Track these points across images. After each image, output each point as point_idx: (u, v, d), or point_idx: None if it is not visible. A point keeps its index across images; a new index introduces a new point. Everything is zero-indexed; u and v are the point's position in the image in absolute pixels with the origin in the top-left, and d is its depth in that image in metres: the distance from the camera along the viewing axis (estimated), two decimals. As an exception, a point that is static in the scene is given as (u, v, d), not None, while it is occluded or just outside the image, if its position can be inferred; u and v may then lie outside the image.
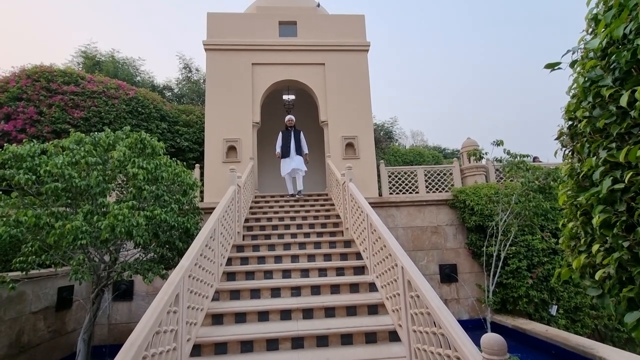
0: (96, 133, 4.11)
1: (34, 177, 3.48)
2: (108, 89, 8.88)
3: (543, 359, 5.11)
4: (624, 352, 4.71)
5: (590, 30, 1.13)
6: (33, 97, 8.02)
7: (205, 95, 8.60)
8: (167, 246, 4.23)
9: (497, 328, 6.77)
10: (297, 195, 7.50)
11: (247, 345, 2.77)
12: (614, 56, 0.98)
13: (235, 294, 3.55)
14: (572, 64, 1.19)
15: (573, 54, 1.18)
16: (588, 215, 1.09)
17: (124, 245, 4.53)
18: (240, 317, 3.14)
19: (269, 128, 10.26)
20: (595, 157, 1.03)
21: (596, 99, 1.02)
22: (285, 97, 10.12)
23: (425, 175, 8.38)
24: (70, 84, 8.54)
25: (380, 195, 8.26)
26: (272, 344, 2.79)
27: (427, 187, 8.31)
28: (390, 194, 8.15)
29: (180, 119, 10.01)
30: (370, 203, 7.42)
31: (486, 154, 5.43)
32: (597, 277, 1.06)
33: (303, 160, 7.59)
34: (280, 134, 7.76)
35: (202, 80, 14.60)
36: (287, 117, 7.91)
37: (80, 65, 12.25)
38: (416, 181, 8.30)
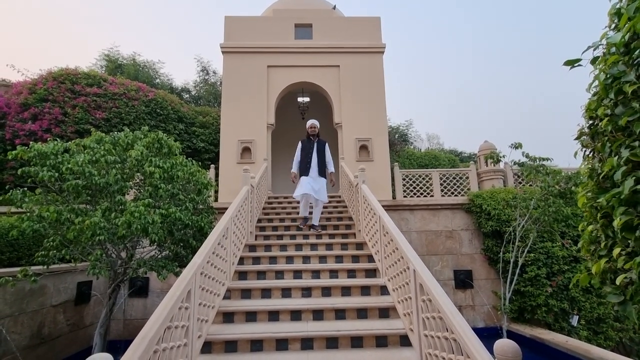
0: (116, 133, 4.24)
1: (56, 174, 3.62)
2: (129, 91, 9.14)
3: None
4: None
5: (613, 25, 1.08)
6: (58, 98, 8.35)
7: (221, 97, 8.75)
8: (181, 244, 4.31)
9: (514, 337, 6.55)
10: (313, 228, 5.57)
11: (256, 345, 2.78)
12: (637, 51, 0.93)
13: (246, 293, 3.57)
14: (593, 61, 1.14)
15: (594, 50, 1.13)
16: (609, 217, 1.03)
17: (140, 243, 4.64)
18: (251, 316, 3.15)
19: (283, 130, 10.33)
20: (617, 156, 0.97)
21: (618, 96, 0.97)
22: (300, 99, 10.18)
23: (441, 178, 8.25)
24: (93, 85, 8.85)
25: (394, 198, 8.17)
26: (282, 344, 2.79)
27: (442, 190, 8.17)
28: (404, 197, 8.05)
29: (197, 120, 10.21)
30: (383, 206, 7.36)
31: (503, 157, 5.29)
32: (618, 282, 1.00)
33: (326, 184, 5.72)
34: (300, 145, 5.85)
35: (218, 83, 14.86)
36: (310, 123, 5.89)
37: (103, 68, 12.69)
38: (431, 184, 8.18)
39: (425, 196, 8.11)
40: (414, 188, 8.18)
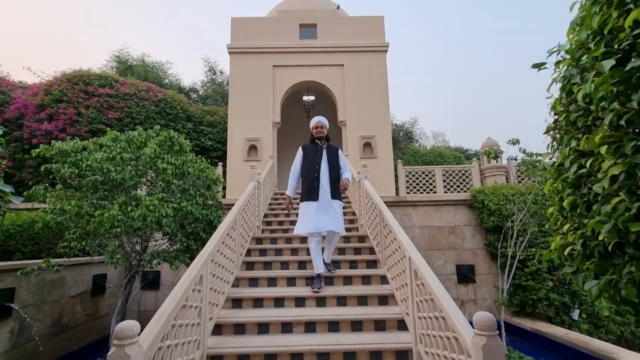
0: (130, 131, 4.48)
1: (76, 170, 3.87)
2: (139, 91, 9.44)
3: None
4: (648, 357, 4.59)
5: (571, 35, 1.25)
6: (73, 99, 8.67)
7: (228, 96, 8.98)
8: (192, 237, 4.54)
9: (515, 330, 6.69)
10: (328, 270, 3.95)
11: (263, 328, 3.00)
12: (584, 57, 1.09)
13: (253, 282, 3.80)
14: (557, 64, 1.31)
15: (558, 54, 1.30)
16: (562, 200, 1.20)
17: (153, 236, 4.89)
18: (258, 302, 3.37)
19: (288, 128, 10.53)
20: (567, 147, 1.15)
21: (570, 95, 1.14)
22: (305, 98, 10.37)
23: (444, 175, 8.37)
24: (105, 86, 9.16)
25: (397, 194, 8.33)
26: (287, 327, 3.00)
27: (445, 187, 8.30)
28: (408, 193, 8.20)
29: (204, 119, 10.48)
30: (387, 202, 7.54)
31: (501, 152, 5.41)
32: (565, 252, 1.18)
33: (341, 207, 3.93)
34: (300, 152, 4.10)
35: (225, 82, 15.13)
36: (316, 121, 4.09)
37: (114, 69, 13.04)
38: (434, 181, 8.31)
39: (428, 192, 8.24)
40: (417, 185, 8.33)
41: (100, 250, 4.44)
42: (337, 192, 3.84)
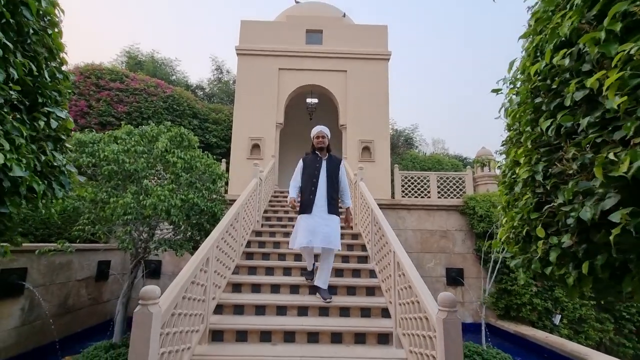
0: (143, 126, 4.81)
1: (92, 160, 4.19)
2: (148, 87, 9.78)
3: None
4: (615, 359, 4.90)
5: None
6: (84, 91, 9.01)
7: (234, 95, 9.31)
8: (196, 227, 4.85)
9: (499, 333, 7.01)
10: (322, 297, 3.49)
11: (260, 309, 3.32)
12: (519, 85, 1.41)
13: (252, 270, 4.12)
14: (510, 91, 1.62)
15: (510, 84, 1.61)
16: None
17: (159, 225, 5.20)
18: (256, 288, 3.69)
19: (291, 128, 10.86)
20: (508, 157, 1.47)
21: (514, 117, 1.45)
22: (308, 100, 10.69)
23: (438, 181, 8.69)
24: (116, 81, 9.50)
25: (393, 197, 8.64)
26: (281, 310, 3.32)
27: (439, 192, 8.62)
28: (403, 197, 8.52)
29: (210, 117, 10.81)
30: (382, 204, 7.85)
31: (488, 161, 5.72)
32: (500, 237, 1.50)
33: (338, 223, 3.69)
34: (301, 164, 3.96)
35: (231, 82, 15.47)
36: (317, 130, 3.88)
37: (124, 64, 13.39)
38: (429, 186, 8.63)
39: (422, 197, 8.56)
40: (413, 189, 8.65)
41: (110, 235, 4.75)
42: (334, 207, 3.66)
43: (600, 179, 0.78)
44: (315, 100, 10.68)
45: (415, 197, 8.58)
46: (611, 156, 0.77)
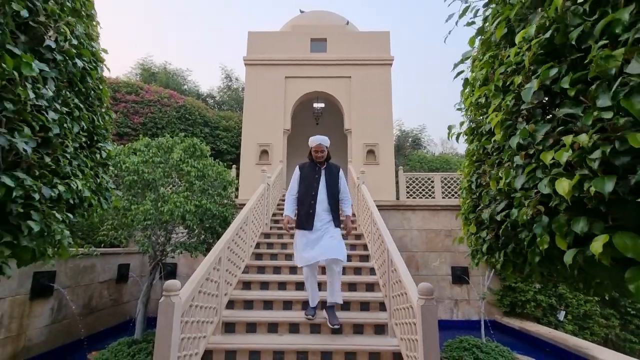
0: (159, 138, 5.21)
1: (115, 171, 4.60)
2: (162, 98, 10.28)
3: (546, 357, 5.52)
4: (618, 353, 5.04)
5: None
6: (103, 105, 9.55)
7: (243, 102, 9.72)
8: (209, 231, 5.22)
9: (505, 329, 7.17)
10: (329, 320, 3.30)
11: (268, 304, 3.64)
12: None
13: (261, 269, 4.45)
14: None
15: (461, 126, 1.89)
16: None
17: (175, 230, 5.59)
18: (264, 285, 4.02)
19: (297, 133, 11.20)
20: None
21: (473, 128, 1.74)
22: (315, 105, 11.00)
23: (442, 182, 8.88)
24: (131, 93, 10.03)
25: (397, 198, 8.87)
26: (287, 305, 3.64)
27: (443, 193, 8.80)
28: (408, 198, 8.74)
29: (220, 124, 11.25)
30: (387, 206, 8.10)
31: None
32: (466, 236, 1.78)
33: (340, 234, 3.53)
34: (298, 172, 3.71)
35: (240, 89, 15.96)
36: (315, 142, 3.57)
37: (138, 76, 14.01)
38: (433, 187, 8.83)
39: (427, 198, 8.77)
40: (417, 190, 8.86)
41: (129, 240, 5.15)
42: (336, 219, 3.47)
43: (494, 190, 1.06)
44: (322, 105, 10.99)
45: (420, 198, 8.79)
46: (500, 173, 1.04)
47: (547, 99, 0.98)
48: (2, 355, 4.22)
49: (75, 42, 1.67)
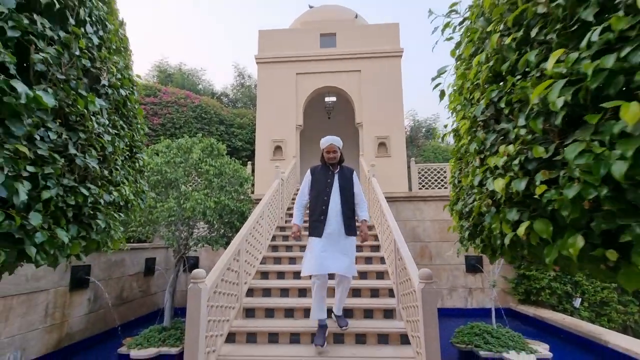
0: (179, 140, 5.54)
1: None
2: (179, 99, 10.68)
3: (560, 343, 5.60)
4: (629, 337, 5.09)
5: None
6: (124, 108, 10.03)
7: (256, 99, 9.99)
8: (228, 225, 5.55)
9: (519, 317, 7.25)
10: (339, 324, 3.29)
11: (284, 292, 3.93)
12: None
13: (277, 260, 4.74)
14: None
15: (445, 128, 2.05)
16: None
17: (196, 225, 5.95)
18: (280, 275, 4.31)
19: (310, 128, 11.40)
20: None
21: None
22: (327, 99, 11.12)
23: (454, 172, 8.92)
24: (150, 95, 10.47)
25: (410, 190, 8.99)
26: (302, 292, 3.91)
27: (456, 183, 8.85)
28: (420, 189, 8.83)
29: (235, 122, 11.59)
30: (399, 197, 8.24)
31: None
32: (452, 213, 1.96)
33: (354, 245, 3.38)
34: (309, 177, 3.49)
35: (253, 86, 16.26)
36: (327, 143, 3.37)
37: (155, 78, 14.51)
38: (445, 177, 8.88)
39: (439, 188, 8.84)
40: (430, 180, 8.94)
41: (154, 235, 5.54)
42: (351, 227, 3.23)
43: (465, 185, 1.24)
44: (334, 99, 11.10)
45: (433, 188, 8.87)
46: (468, 172, 1.23)
47: (493, 112, 1.17)
48: (49, 340, 4.69)
49: (119, 75, 2.07)
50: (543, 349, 4.39)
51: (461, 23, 1.51)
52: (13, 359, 4.02)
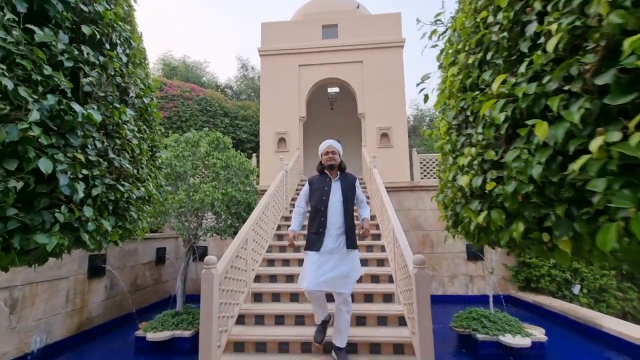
0: (186, 134, 5.74)
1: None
2: (184, 92, 10.85)
3: (557, 328, 5.80)
4: (624, 321, 5.28)
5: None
6: (131, 102, 10.24)
7: (259, 92, 10.12)
8: (235, 216, 5.78)
9: (520, 303, 7.45)
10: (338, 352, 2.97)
11: (290, 278, 4.16)
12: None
13: (282, 248, 4.97)
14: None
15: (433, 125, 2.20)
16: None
17: (205, 216, 6.20)
18: (286, 262, 4.54)
19: (313, 119, 11.53)
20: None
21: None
22: (329, 90, 11.18)
23: (456, 162, 9.03)
24: (157, 89, 10.64)
25: (412, 179, 9.13)
26: (307, 279, 4.13)
27: (458, 173, 8.96)
28: (422, 178, 8.97)
29: (239, 114, 11.75)
30: (402, 187, 8.39)
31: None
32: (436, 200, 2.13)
33: (357, 258, 3.09)
34: (307, 187, 3.23)
35: (257, 77, 16.33)
36: (326, 145, 3.17)
37: (160, 71, 14.66)
38: (447, 167, 9.00)
39: (441, 178, 8.97)
40: (432, 170, 9.06)
41: (165, 226, 5.79)
42: (352, 240, 2.96)
43: (445, 179, 1.42)
44: (337, 90, 11.16)
45: (434, 178, 8.99)
46: (446, 168, 1.41)
47: (463, 118, 1.34)
48: (70, 324, 5.01)
49: (141, 85, 2.36)
50: (539, 332, 4.57)
51: (444, 33, 1.66)
52: (39, 341, 4.33)
